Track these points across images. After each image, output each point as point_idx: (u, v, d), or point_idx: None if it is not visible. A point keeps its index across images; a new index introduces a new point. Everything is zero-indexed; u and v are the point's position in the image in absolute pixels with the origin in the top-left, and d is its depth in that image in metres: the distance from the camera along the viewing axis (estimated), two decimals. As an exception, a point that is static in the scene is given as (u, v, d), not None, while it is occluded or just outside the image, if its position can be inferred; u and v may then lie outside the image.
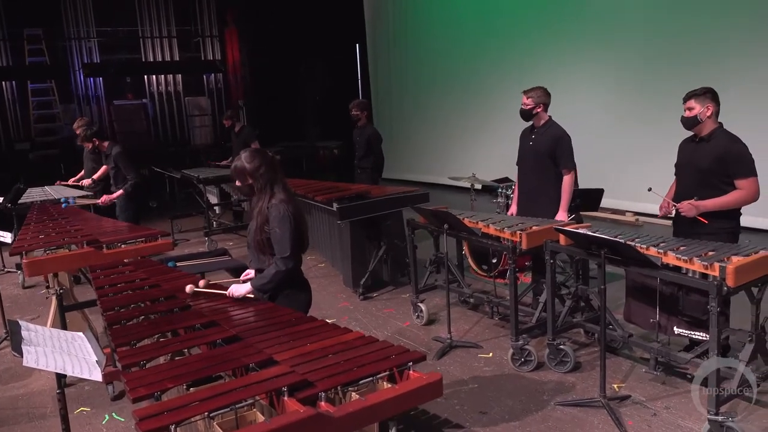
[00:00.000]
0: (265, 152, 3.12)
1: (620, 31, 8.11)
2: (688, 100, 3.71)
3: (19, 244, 4.29)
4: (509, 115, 9.44)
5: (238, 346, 2.49)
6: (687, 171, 3.78)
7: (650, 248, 3.36)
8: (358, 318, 5.14)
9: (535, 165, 4.60)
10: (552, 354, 3.99)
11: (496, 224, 4.22)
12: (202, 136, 13.83)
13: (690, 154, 3.77)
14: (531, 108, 4.49)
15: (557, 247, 3.86)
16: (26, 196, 6.84)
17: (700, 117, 3.64)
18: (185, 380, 2.21)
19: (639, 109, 8.00)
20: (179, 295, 3.13)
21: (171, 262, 4.09)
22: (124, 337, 2.61)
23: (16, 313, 5.73)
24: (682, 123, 3.74)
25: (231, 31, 13.84)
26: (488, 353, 4.33)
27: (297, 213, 3.09)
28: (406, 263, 5.82)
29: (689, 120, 3.69)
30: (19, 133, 12.43)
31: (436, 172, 11.32)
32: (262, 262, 3.13)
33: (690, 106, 3.69)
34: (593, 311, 4.20)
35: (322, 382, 2.16)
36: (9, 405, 4.04)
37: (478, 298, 4.82)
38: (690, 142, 3.82)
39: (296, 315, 2.87)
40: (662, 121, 7.66)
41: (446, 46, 11.15)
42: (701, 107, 3.64)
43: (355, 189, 5.87)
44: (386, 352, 2.41)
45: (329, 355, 2.40)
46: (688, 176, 3.76)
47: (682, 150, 3.88)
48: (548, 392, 3.75)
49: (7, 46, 12.21)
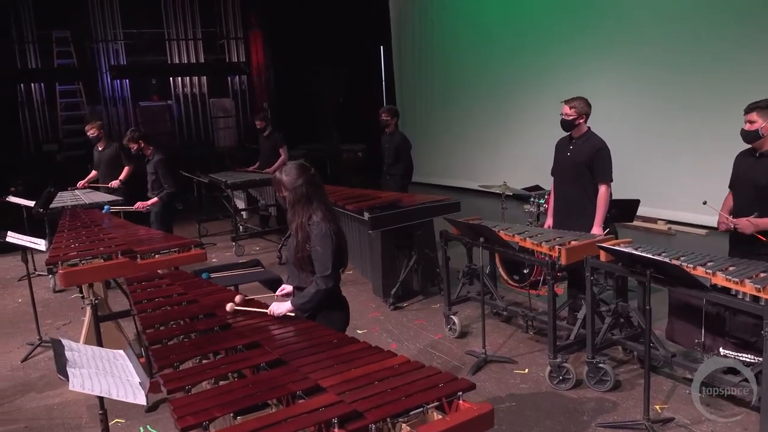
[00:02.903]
0: (306, 167, 3.08)
1: (651, 37, 7.94)
2: (749, 112, 3.53)
3: (55, 253, 4.30)
4: (539, 121, 9.39)
5: (282, 370, 2.45)
6: (744, 186, 3.63)
7: (698, 268, 3.27)
8: (389, 329, 5.10)
9: (573, 176, 4.51)
10: (591, 372, 3.90)
11: (534, 238, 4.15)
12: (226, 138, 13.85)
13: (748, 170, 3.61)
14: (573, 119, 4.40)
15: (598, 264, 3.78)
16: (57, 201, 6.89)
17: (762, 131, 3.49)
18: (233, 408, 2.17)
19: (669, 116, 7.84)
20: (218, 312, 3.10)
21: (205, 273, 4.08)
22: (166, 359, 2.58)
23: (47, 317, 5.77)
24: (742, 136, 3.59)
25: (255, 33, 13.85)
26: (524, 369, 4.26)
27: (338, 231, 3.05)
28: (436, 273, 5.77)
29: (750, 133, 3.54)
30: (47, 135, 12.55)
31: (462, 177, 11.22)
32: (302, 280, 3.10)
33: (752, 119, 3.51)
34: (633, 328, 4.11)
35: (371, 413, 2.11)
36: (44, 414, 4.06)
37: (512, 311, 4.74)
38: (748, 156, 3.66)
39: (338, 336, 2.83)
40: (693, 128, 7.53)
41: (475, 50, 11.00)
42: (764, 121, 3.49)
43: (386, 197, 5.82)
44: (434, 380, 2.35)
45: (375, 381, 2.34)
46: (746, 192, 3.61)
47: (739, 164, 3.72)
48: (588, 412, 3.68)
49: (36, 48, 12.33)
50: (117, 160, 7.21)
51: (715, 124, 7.15)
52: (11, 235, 5.12)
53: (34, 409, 4.14)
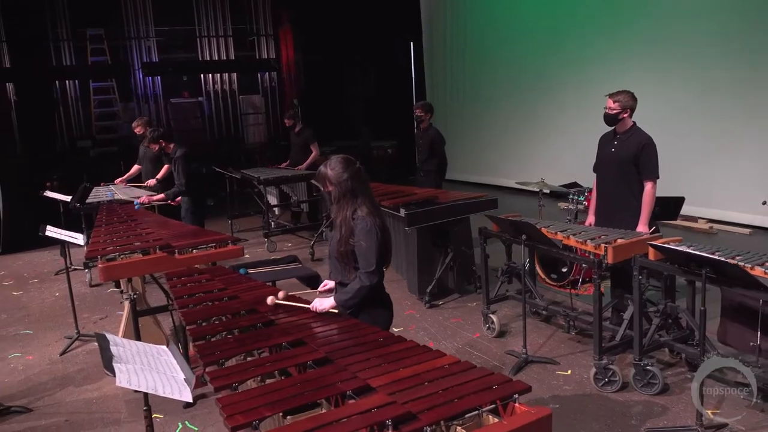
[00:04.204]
0: (351, 161, 3.01)
1: (698, 31, 7.67)
2: None
3: (94, 248, 4.31)
4: (577, 116, 9.20)
5: (330, 369, 2.39)
6: None
7: (756, 268, 3.13)
8: (425, 327, 5.02)
9: (617, 173, 4.37)
10: (638, 375, 3.78)
11: (578, 236, 4.03)
12: (255, 135, 13.90)
13: None
14: (617, 113, 4.26)
15: (647, 263, 3.65)
16: (92, 196, 6.95)
17: None
18: (282, 408, 2.11)
19: (708, 111, 7.61)
20: (259, 309, 3.06)
21: (242, 269, 4.04)
22: (211, 356, 2.54)
23: (84, 312, 5.81)
24: None
25: (285, 29, 13.86)
26: (567, 370, 4.14)
27: (383, 226, 2.98)
28: (473, 271, 5.68)
29: None
30: (81, 131, 12.72)
31: (495, 174, 11.06)
32: (345, 276, 3.03)
33: None
34: (681, 330, 3.97)
35: (425, 415, 2.03)
36: (84, 408, 4.07)
37: (553, 310, 4.63)
38: None
39: (383, 334, 2.76)
40: (738, 126, 7.30)
41: (510, 44, 10.78)
42: None
43: (421, 194, 5.73)
44: (487, 381, 2.27)
45: (425, 382, 2.27)
46: None
47: None
48: (636, 416, 3.56)
49: (71, 45, 12.50)
50: (160, 157, 7.22)
51: (761, 122, 6.92)
52: (50, 229, 5.15)
53: (74, 402, 4.15)
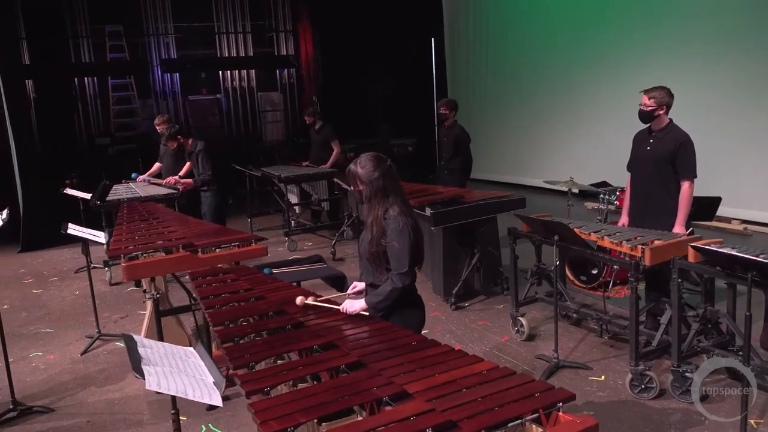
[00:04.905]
0: (382, 159, 2.91)
1: (738, 29, 7.39)
2: None
3: (116, 246, 4.24)
4: (606, 113, 8.99)
5: (363, 374, 2.29)
6: None
7: (805, 272, 2.98)
8: (451, 330, 4.91)
9: (653, 171, 4.22)
10: (677, 382, 3.64)
11: (612, 237, 3.90)
12: (274, 132, 13.84)
13: None
14: (653, 110, 4.11)
15: (686, 265, 3.51)
16: (112, 194, 6.90)
17: None
18: (317, 414, 2.01)
19: (743, 111, 7.39)
20: (288, 310, 2.97)
21: (267, 269, 3.97)
22: (240, 359, 2.45)
23: (104, 310, 5.76)
24: None
25: (304, 26, 13.78)
26: (600, 376, 4.01)
27: (416, 226, 2.87)
28: (500, 272, 5.55)
29: None
30: (100, 129, 12.74)
31: (521, 174, 10.87)
32: (376, 277, 2.93)
33: None
34: (721, 335, 3.82)
35: (466, 424, 1.92)
36: (106, 409, 4.01)
37: (584, 313, 4.49)
38: None
39: (416, 338, 2.66)
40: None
41: (535, 40, 10.55)
42: None
43: (447, 193, 5.62)
44: (528, 389, 2.15)
45: (463, 389, 2.16)
46: None
47: None
48: (675, 425, 3.42)
49: (90, 42, 12.52)
50: (181, 154, 7.18)
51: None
52: (72, 227, 5.10)
53: (96, 403, 4.09)
